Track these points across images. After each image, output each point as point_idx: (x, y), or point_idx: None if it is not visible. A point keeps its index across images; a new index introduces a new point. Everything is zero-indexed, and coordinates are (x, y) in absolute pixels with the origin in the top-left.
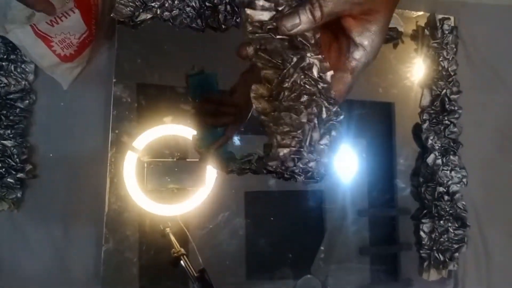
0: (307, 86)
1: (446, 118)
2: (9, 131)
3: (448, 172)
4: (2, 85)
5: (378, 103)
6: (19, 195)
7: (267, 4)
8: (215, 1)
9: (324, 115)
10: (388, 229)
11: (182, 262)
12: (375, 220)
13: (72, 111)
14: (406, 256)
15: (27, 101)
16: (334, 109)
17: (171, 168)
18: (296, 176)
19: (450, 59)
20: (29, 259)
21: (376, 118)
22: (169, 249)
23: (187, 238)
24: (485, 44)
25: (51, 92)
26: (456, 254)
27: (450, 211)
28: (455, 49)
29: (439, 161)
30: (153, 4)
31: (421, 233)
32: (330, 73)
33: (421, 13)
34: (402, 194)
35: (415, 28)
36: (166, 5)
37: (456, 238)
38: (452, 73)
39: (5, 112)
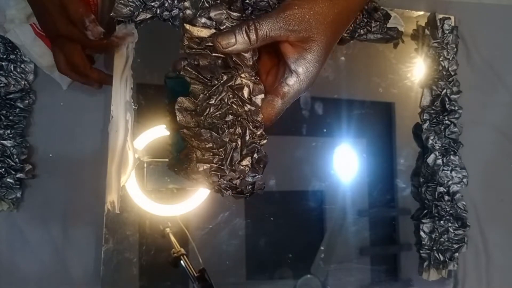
0: (234, 106)
1: (446, 118)
2: (8, 131)
3: (449, 172)
4: (1, 85)
5: (378, 103)
6: (18, 195)
7: (208, 22)
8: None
9: (247, 137)
10: (389, 229)
11: (182, 262)
12: (375, 220)
13: (72, 111)
14: (406, 256)
15: (27, 101)
16: (259, 132)
17: None
18: (222, 190)
19: (451, 59)
20: (28, 259)
21: (376, 118)
22: (169, 249)
23: (187, 238)
24: (485, 44)
25: (51, 92)
26: (456, 254)
27: (451, 211)
28: (455, 49)
29: (439, 161)
30: (152, 4)
31: (421, 233)
32: (260, 96)
33: (421, 12)
34: (402, 194)
35: (416, 27)
36: (166, 4)
37: (456, 238)
38: (452, 73)
39: (4, 112)
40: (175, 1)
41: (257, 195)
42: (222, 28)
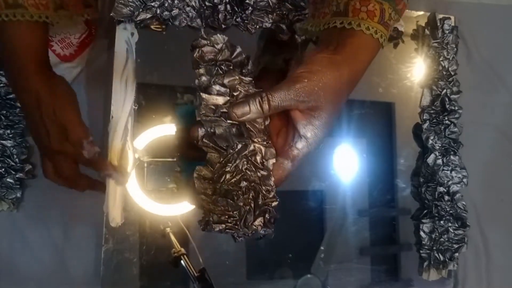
0: (248, 172)
1: (446, 118)
2: (8, 131)
3: (449, 172)
4: (1, 85)
5: (378, 103)
6: (18, 195)
7: (222, 89)
8: (215, 1)
9: (260, 201)
10: (389, 229)
11: (182, 262)
12: (375, 220)
13: None
14: (406, 256)
15: None
16: (271, 195)
17: (171, 168)
18: (236, 238)
19: (451, 59)
20: (28, 259)
21: (376, 118)
22: (170, 249)
23: (187, 238)
24: (485, 44)
25: None
26: (456, 254)
27: (450, 211)
28: (455, 49)
29: (439, 161)
30: (152, 4)
31: (421, 233)
32: (272, 161)
33: (421, 12)
34: (402, 194)
35: (416, 27)
36: (166, 4)
37: (456, 238)
38: (452, 73)
39: (4, 112)
40: (175, 1)
41: None
42: (235, 93)
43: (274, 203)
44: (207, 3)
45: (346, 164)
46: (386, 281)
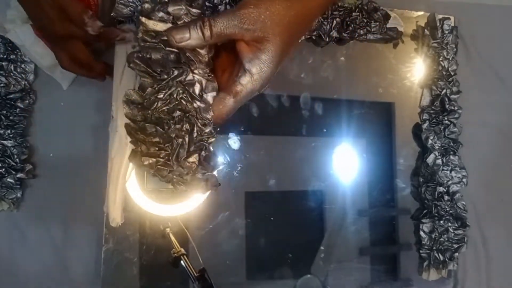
0: (183, 102)
1: (446, 118)
2: (9, 131)
3: (448, 172)
4: (2, 85)
5: (378, 103)
6: (19, 195)
7: (166, 17)
8: (215, 1)
9: (195, 134)
10: (388, 229)
11: (182, 262)
12: (375, 220)
13: (72, 111)
14: (406, 256)
15: (27, 101)
16: (207, 130)
17: None
18: (176, 185)
19: (450, 59)
20: (28, 259)
21: (376, 118)
22: (169, 249)
23: (187, 238)
24: (485, 44)
25: (51, 92)
26: (456, 254)
27: (450, 211)
28: (455, 49)
29: (439, 161)
30: None
31: (421, 233)
32: (212, 94)
33: (421, 13)
34: (402, 194)
35: (415, 28)
36: None
37: (456, 238)
38: (452, 73)
39: (5, 112)
40: None
41: (258, 195)
42: (179, 23)
43: (211, 140)
44: (207, 3)
45: (346, 164)
46: (385, 280)
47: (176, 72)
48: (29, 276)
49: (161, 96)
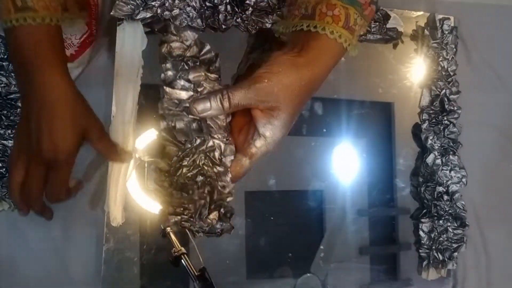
0: (205, 167)
1: (445, 118)
2: (9, 131)
3: (448, 172)
4: (2, 85)
5: (378, 103)
6: None
7: (187, 85)
8: (215, 1)
9: (215, 196)
10: (388, 229)
11: (182, 261)
12: (374, 220)
13: None
14: (405, 255)
15: None
16: (226, 191)
17: None
18: (194, 233)
19: (450, 59)
20: (29, 259)
21: (376, 118)
22: (170, 249)
23: (187, 237)
24: (485, 44)
25: None
26: (455, 254)
27: (450, 211)
28: (455, 49)
29: (438, 161)
30: (153, 3)
31: (421, 232)
32: (230, 158)
33: (421, 13)
34: (401, 194)
35: (415, 28)
36: (166, 4)
37: (455, 238)
38: (451, 73)
39: (5, 112)
40: (176, 1)
41: (257, 195)
42: (199, 89)
43: (229, 198)
44: (207, 4)
45: (346, 164)
46: (385, 280)
47: (198, 141)
48: (29, 276)
49: (185, 163)
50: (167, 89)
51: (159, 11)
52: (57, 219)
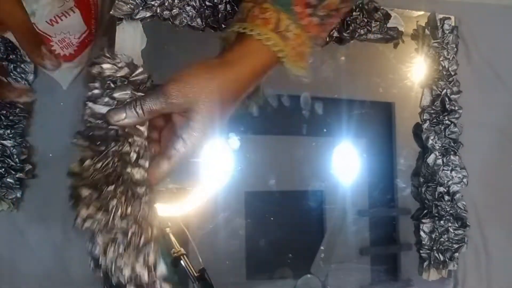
0: (118, 170)
1: (446, 118)
2: (8, 131)
3: (449, 172)
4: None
5: (378, 103)
6: (18, 195)
7: (111, 101)
8: (215, 1)
9: (129, 195)
10: (389, 229)
11: (182, 262)
12: (375, 220)
13: (72, 111)
14: (406, 256)
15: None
16: (142, 191)
17: None
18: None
19: (451, 58)
20: (28, 259)
21: (376, 118)
22: (169, 249)
23: (187, 238)
24: (485, 44)
25: (51, 92)
26: (456, 254)
27: (451, 211)
28: (455, 49)
29: (439, 161)
30: (153, 3)
31: (421, 233)
32: (147, 161)
33: (421, 12)
34: (402, 194)
35: (416, 27)
36: (166, 3)
37: (456, 238)
38: (452, 73)
39: (4, 112)
40: (176, 0)
41: (257, 195)
42: None
43: (146, 197)
44: (207, 3)
45: (346, 164)
46: (386, 281)
47: (113, 144)
48: (29, 276)
49: (99, 166)
50: (90, 104)
51: (158, 10)
52: (57, 220)
